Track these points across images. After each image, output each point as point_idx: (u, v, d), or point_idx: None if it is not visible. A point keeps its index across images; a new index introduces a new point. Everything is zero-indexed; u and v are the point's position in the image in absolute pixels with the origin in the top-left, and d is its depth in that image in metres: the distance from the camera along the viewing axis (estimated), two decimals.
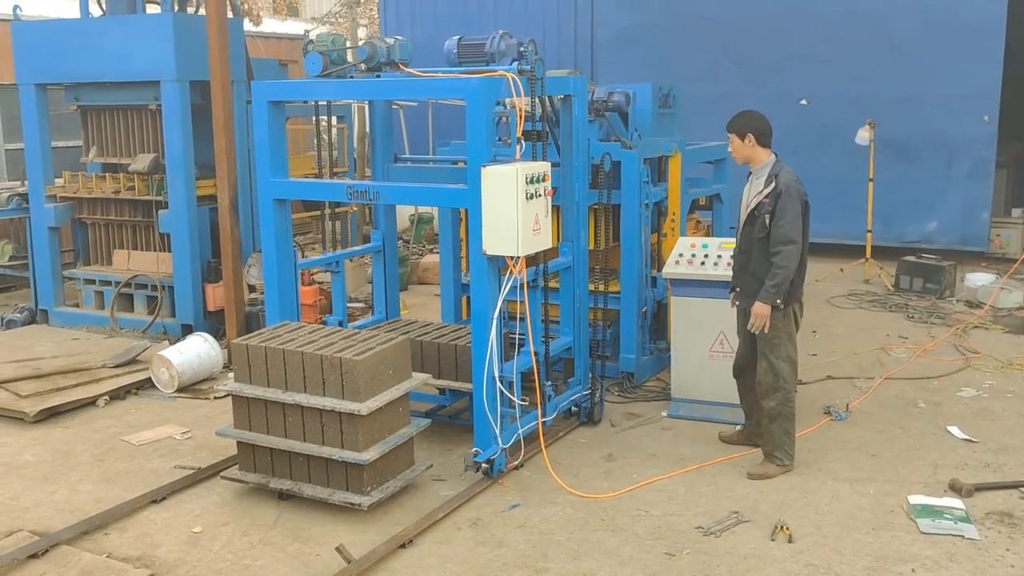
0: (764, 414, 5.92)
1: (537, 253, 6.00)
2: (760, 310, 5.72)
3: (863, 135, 11.17)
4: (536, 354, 6.08)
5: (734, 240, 7.00)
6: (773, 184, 5.71)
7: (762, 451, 6.04)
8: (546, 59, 6.12)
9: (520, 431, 5.99)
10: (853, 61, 12.40)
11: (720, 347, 6.76)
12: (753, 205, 5.80)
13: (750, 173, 5.97)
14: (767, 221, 5.69)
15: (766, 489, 5.71)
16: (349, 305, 8.88)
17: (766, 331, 5.76)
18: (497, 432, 5.81)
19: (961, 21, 11.79)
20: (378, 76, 6.39)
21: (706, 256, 6.86)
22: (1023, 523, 5.24)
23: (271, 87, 6.49)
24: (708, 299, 6.76)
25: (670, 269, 6.96)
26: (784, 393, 5.84)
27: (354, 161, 13.50)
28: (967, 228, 12.20)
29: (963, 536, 5.07)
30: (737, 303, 6.07)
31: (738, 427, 6.48)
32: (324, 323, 7.42)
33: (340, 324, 7.28)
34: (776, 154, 5.89)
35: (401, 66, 6.40)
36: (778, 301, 5.67)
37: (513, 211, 5.49)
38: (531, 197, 5.55)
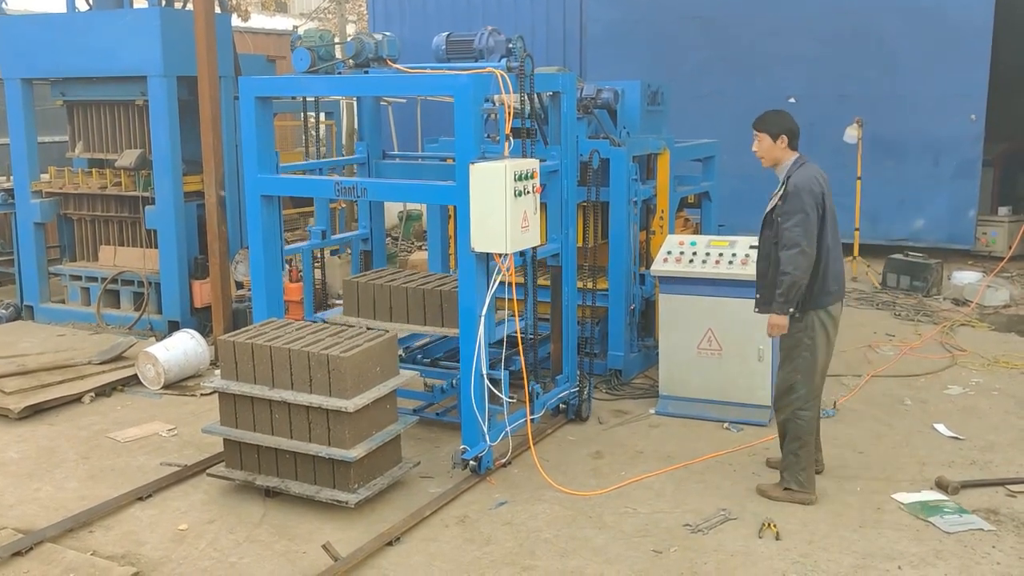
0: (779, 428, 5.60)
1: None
2: (774, 320, 5.36)
3: (851, 133, 11.19)
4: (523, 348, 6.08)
5: (724, 238, 7.03)
6: (784, 185, 5.37)
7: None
8: (535, 56, 6.11)
9: (508, 428, 5.97)
10: (841, 60, 12.43)
11: (708, 344, 6.77)
12: (768, 208, 5.46)
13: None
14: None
15: (753, 487, 5.72)
16: (335, 301, 8.86)
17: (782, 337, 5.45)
18: (485, 429, 5.80)
19: (949, 20, 11.84)
20: (366, 72, 6.37)
21: (694, 254, 6.86)
22: (1009, 520, 5.26)
23: (259, 83, 6.46)
24: (696, 296, 6.77)
25: (658, 267, 6.96)
26: (794, 408, 5.44)
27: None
28: (954, 226, 12.25)
29: (982, 529, 5.11)
30: (757, 310, 5.60)
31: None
32: (308, 234, 7.67)
33: (323, 234, 7.44)
34: (801, 154, 5.50)
35: (389, 62, 6.38)
36: (791, 310, 5.30)
37: (501, 208, 5.48)
38: (519, 194, 5.54)
